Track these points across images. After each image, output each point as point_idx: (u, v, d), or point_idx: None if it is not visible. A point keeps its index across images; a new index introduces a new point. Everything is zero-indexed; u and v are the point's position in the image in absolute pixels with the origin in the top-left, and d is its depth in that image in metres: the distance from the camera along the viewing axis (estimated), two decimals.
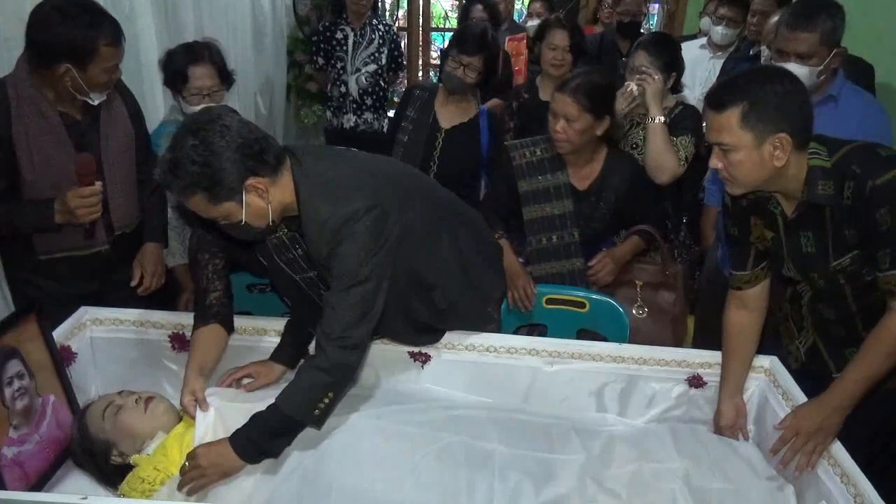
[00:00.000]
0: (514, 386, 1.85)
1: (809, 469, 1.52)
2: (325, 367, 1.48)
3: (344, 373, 1.52)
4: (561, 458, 1.60)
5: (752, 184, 1.55)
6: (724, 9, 3.54)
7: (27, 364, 1.55)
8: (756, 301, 1.78)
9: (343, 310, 1.48)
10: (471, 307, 1.86)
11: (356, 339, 1.50)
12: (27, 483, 1.50)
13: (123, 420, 1.60)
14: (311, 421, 1.50)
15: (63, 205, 1.82)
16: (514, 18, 5.03)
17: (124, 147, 2.02)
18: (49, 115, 1.84)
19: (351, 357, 1.51)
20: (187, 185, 1.40)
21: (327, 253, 1.49)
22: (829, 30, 2.03)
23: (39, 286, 1.96)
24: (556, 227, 2.23)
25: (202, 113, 1.49)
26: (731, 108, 1.45)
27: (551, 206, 2.24)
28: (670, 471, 1.59)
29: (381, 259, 1.51)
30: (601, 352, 1.83)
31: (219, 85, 2.22)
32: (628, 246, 2.25)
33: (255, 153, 1.44)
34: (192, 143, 1.39)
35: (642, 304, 2.22)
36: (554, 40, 2.89)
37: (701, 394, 1.83)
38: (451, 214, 1.81)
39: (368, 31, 3.89)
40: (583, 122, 2.12)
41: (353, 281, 1.48)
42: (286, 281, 1.70)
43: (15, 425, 1.49)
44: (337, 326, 1.48)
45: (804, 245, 1.60)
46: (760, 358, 1.81)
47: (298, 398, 1.49)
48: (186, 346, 1.87)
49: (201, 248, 1.78)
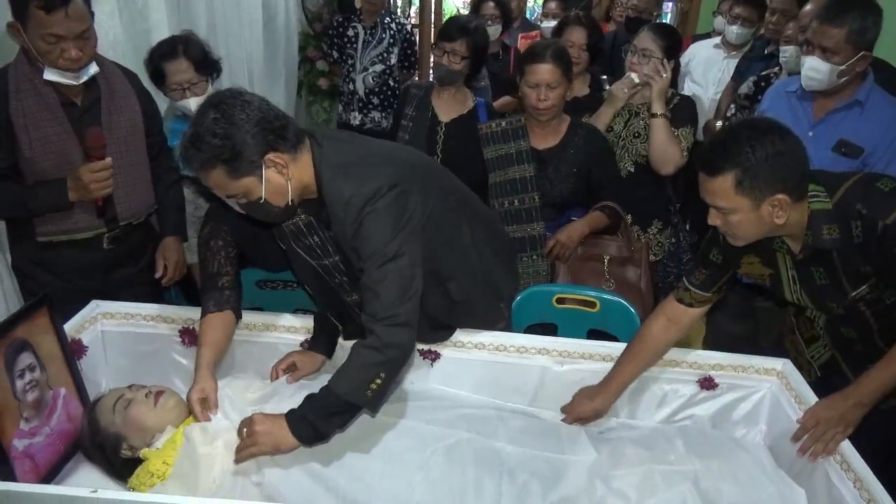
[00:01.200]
0: (524, 385, 1.84)
1: (825, 456, 1.52)
2: (375, 345, 1.45)
3: (396, 352, 1.47)
4: (570, 458, 1.60)
5: (754, 238, 1.52)
6: (739, 8, 3.52)
7: (39, 357, 1.56)
8: (690, 322, 1.76)
9: (382, 290, 1.46)
10: (483, 303, 1.85)
11: (403, 316, 1.46)
12: (37, 475, 1.51)
13: (133, 414, 1.60)
14: (364, 402, 1.46)
15: (75, 181, 1.83)
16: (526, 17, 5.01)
17: (129, 134, 2.00)
18: (44, 91, 1.84)
19: (401, 334, 1.47)
20: (208, 157, 1.42)
21: (353, 234, 1.49)
22: (858, 29, 1.98)
23: (43, 282, 1.96)
24: (517, 191, 2.34)
25: (224, 89, 1.51)
26: (724, 174, 1.40)
27: (513, 169, 2.35)
28: (680, 473, 1.58)
29: (409, 235, 1.50)
30: (612, 352, 1.82)
31: (198, 77, 2.22)
32: (587, 219, 2.31)
33: (276, 129, 1.46)
34: (213, 117, 1.41)
35: (609, 278, 2.28)
36: (571, 37, 2.92)
37: (712, 395, 1.82)
38: (467, 207, 1.81)
39: (379, 30, 3.88)
40: (562, 87, 2.29)
41: (384, 259, 1.46)
42: (304, 267, 1.70)
43: (26, 417, 1.49)
44: (380, 307, 1.46)
45: (818, 279, 1.57)
46: (772, 360, 1.80)
47: (349, 378, 1.46)
48: (196, 341, 1.88)
49: (214, 236, 1.78)
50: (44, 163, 1.86)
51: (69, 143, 1.88)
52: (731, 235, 1.52)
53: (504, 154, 2.37)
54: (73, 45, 1.76)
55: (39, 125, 1.84)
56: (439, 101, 2.77)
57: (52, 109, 1.85)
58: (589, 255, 2.31)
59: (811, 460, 1.55)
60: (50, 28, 1.72)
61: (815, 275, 1.56)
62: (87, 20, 1.78)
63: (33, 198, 1.87)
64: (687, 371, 1.82)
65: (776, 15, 3.25)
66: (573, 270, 2.30)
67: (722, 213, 1.47)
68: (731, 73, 3.57)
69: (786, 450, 1.65)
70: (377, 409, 1.51)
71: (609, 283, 2.27)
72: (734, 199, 1.42)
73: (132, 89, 2.04)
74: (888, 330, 1.57)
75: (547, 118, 2.33)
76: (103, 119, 1.94)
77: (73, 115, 1.89)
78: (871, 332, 1.61)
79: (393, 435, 1.57)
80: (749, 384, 1.81)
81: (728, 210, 1.44)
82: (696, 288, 1.72)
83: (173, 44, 2.22)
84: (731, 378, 1.81)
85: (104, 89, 1.95)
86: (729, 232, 1.51)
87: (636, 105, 2.55)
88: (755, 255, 1.62)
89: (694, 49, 3.92)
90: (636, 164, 2.55)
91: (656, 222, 2.61)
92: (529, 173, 2.33)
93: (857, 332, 1.63)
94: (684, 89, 3.80)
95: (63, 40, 1.75)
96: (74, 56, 1.77)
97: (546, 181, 2.36)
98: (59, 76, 1.81)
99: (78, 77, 1.83)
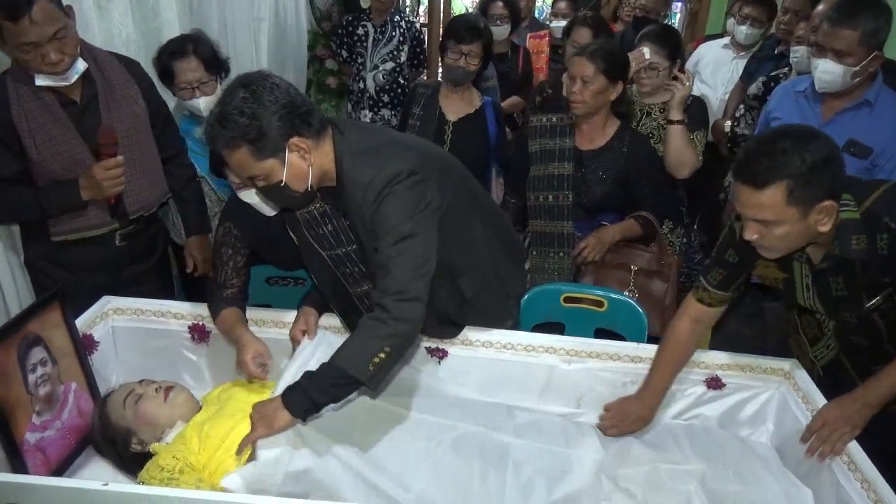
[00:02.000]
0: (531, 383, 1.85)
1: (833, 456, 1.52)
2: (382, 317, 1.44)
3: (403, 326, 1.46)
4: (577, 453, 1.60)
5: (792, 249, 1.50)
6: (749, 8, 3.51)
7: (50, 351, 1.57)
8: (712, 320, 1.78)
9: (395, 266, 1.46)
10: (493, 300, 1.85)
11: (413, 292, 1.46)
12: (49, 468, 1.52)
13: (143, 409, 1.61)
14: (365, 377, 1.43)
15: (88, 179, 1.84)
16: (534, 16, 5.01)
17: (132, 128, 1.99)
18: (42, 94, 1.83)
19: (410, 309, 1.46)
20: (234, 136, 1.43)
21: (371, 214, 1.50)
22: (872, 30, 1.98)
23: (55, 278, 1.97)
24: (553, 187, 2.35)
25: (254, 71, 1.52)
26: (774, 186, 1.35)
27: (554, 166, 2.35)
28: (686, 472, 1.58)
29: (425, 218, 1.51)
30: (619, 351, 1.83)
31: (207, 76, 2.22)
32: (620, 226, 2.30)
33: (302, 113, 1.48)
34: (242, 96, 1.42)
35: (633, 288, 2.28)
36: (578, 38, 2.92)
37: (719, 395, 1.82)
38: (480, 204, 1.82)
39: (389, 29, 3.89)
40: (598, 84, 2.25)
41: (399, 236, 1.47)
42: (314, 257, 1.71)
43: (38, 411, 1.51)
44: (392, 282, 1.46)
45: (834, 289, 1.56)
46: (780, 361, 1.80)
47: (353, 350, 1.45)
48: (206, 337, 1.89)
49: (226, 243, 1.81)
50: (52, 165, 1.87)
51: (74, 143, 1.87)
52: (768, 248, 1.48)
53: (548, 149, 2.38)
54: (51, 48, 1.73)
55: (43, 128, 1.84)
56: (447, 101, 2.78)
57: (52, 111, 1.85)
58: (617, 263, 2.30)
59: (819, 461, 1.55)
60: (22, 37, 1.69)
61: (833, 284, 1.55)
62: (57, 20, 1.73)
63: (47, 199, 1.88)
64: (694, 371, 1.82)
65: (788, 14, 3.24)
66: (599, 276, 2.29)
67: (764, 226, 1.42)
68: (740, 73, 3.56)
69: (793, 450, 1.65)
70: (376, 387, 1.49)
71: (632, 293, 2.25)
72: (784, 212, 1.37)
73: (132, 79, 2.01)
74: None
75: (581, 112, 2.30)
76: (103, 115, 1.92)
77: (74, 114, 1.89)
78: (881, 340, 1.60)
79: (400, 426, 1.57)
80: (756, 384, 1.81)
81: (774, 222, 1.40)
82: (715, 288, 1.72)
83: (183, 43, 2.22)
84: (738, 378, 1.81)
85: (101, 83, 1.92)
86: (767, 245, 1.47)
87: (648, 105, 2.56)
88: (772, 260, 1.60)
89: (703, 49, 3.90)
90: None
91: (667, 222, 2.61)
92: (568, 171, 2.33)
93: (868, 341, 1.62)
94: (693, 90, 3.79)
95: (39, 46, 1.72)
96: (55, 59, 1.74)
97: (582, 182, 2.35)
98: (50, 80, 1.80)
99: (67, 78, 1.81)
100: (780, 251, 1.49)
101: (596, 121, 2.34)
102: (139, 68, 2.08)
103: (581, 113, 2.31)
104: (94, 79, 1.92)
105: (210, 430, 1.55)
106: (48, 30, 1.71)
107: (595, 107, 2.29)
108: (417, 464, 1.50)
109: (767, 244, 1.46)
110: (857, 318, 1.58)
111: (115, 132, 1.88)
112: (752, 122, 2.94)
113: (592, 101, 2.27)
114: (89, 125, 1.89)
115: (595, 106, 2.29)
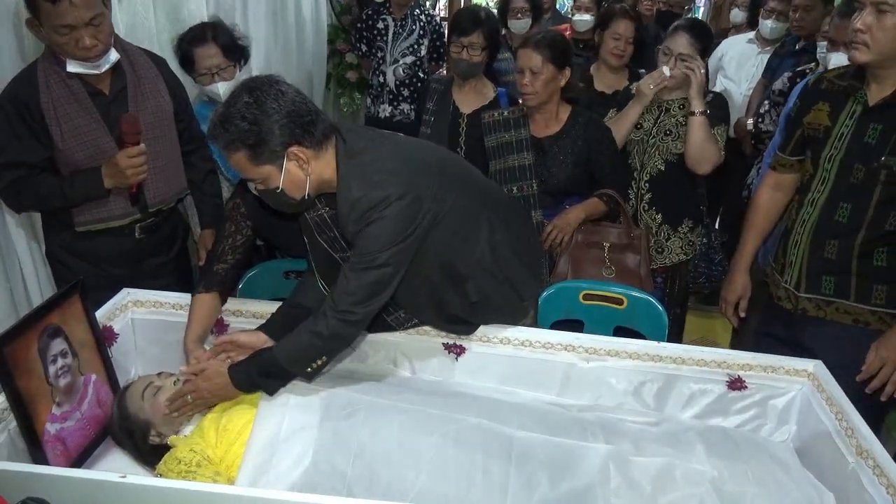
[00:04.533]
0: (549, 381, 1.83)
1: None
2: (324, 334, 1.55)
3: (339, 343, 1.61)
4: (584, 445, 1.56)
5: (888, 53, 1.59)
6: (774, 2, 3.47)
7: (71, 342, 1.58)
8: (790, 187, 1.98)
9: (355, 286, 1.53)
10: (504, 302, 1.83)
11: (359, 315, 1.56)
12: (68, 459, 1.53)
13: (162, 401, 1.62)
14: (304, 375, 1.60)
15: (111, 167, 1.86)
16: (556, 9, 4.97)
17: (157, 122, 2.01)
18: (71, 83, 1.86)
19: (349, 330, 1.59)
20: (233, 139, 1.45)
21: (355, 232, 1.53)
22: None
23: (75, 270, 1.99)
24: (516, 178, 2.38)
25: (263, 75, 1.52)
26: None
27: (513, 158, 2.39)
28: (700, 473, 1.54)
29: (405, 248, 1.54)
30: (638, 350, 1.80)
31: (226, 62, 2.25)
32: (583, 205, 2.33)
33: (305, 123, 1.48)
34: (246, 101, 1.43)
35: (610, 265, 2.31)
36: (619, 29, 2.88)
37: (741, 396, 1.79)
38: (488, 207, 1.78)
39: (409, 22, 3.88)
40: (547, 73, 2.30)
41: (372, 263, 1.52)
42: (324, 259, 1.71)
43: (58, 402, 1.52)
44: (344, 300, 1.54)
45: (868, 135, 1.69)
46: (804, 361, 1.77)
47: (294, 354, 1.57)
48: (224, 330, 1.90)
49: (231, 218, 1.82)
50: (77, 154, 1.88)
51: (100, 133, 1.90)
52: (867, 46, 1.60)
53: (504, 142, 2.41)
54: (86, 33, 1.76)
55: (70, 116, 1.86)
56: (460, 94, 2.77)
57: (80, 100, 1.87)
58: (589, 242, 2.35)
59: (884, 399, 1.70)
60: (59, 19, 1.72)
61: (870, 131, 1.70)
62: (95, 6, 1.76)
63: (70, 187, 1.90)
64: (716, 371, 1.79)
65: (799, 11, 3.21)
66: (574, 257, 2.32)
67: (880, 13, 1.53)
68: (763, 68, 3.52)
69: (816, 452, 1.63)
70: (312, 380, 1.63)
71: (610, 269, 2.31)
72: None
73: (160, 75, 2.04)
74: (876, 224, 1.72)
75: (534, 103, 2.34)
76: (130, 106, 1.94)
77: (101, 104, 1.91)
78: (860, 223, 1.74)
79: (402, 418, 1.56)
80: (779, 385, 1.78)
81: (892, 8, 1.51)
82: (779, 150, 1.99)
83: (202, 29, 2.25)
84: (760, 378, 1.78)
85: (130, 76, 1.95)
86: (870, 39, 1.58)
87: (666, 101, 2.52)
88: (828, 103, 1.78)
89: (727, 44, 3.86)
90: (667, 162, 2.51)
91: (687, 221, 2.58)
92: (528, 161, 2.37)
93: (849, 215, 1.76)
94: (716, 85, 3.74)
95: (74, 29, 1.75)
96: (88, 44, 1.77)
97: (545, 169, 2.39)
98: (81, 67, 1.82)
99: (99, 66, 1.84)
100: (879, 52, 1.59)
101: (549, 109, 2.39)
102: (167, 66, 2.12)
103: (534, 104, 2.35)
104: (125, 71, 1.95)
105: (227, 424, 1.55)
106: (86, 14, 1.74)
107: (547, 95, 2.34)
108: (420, 457, 1.49)
109: (871, 39, 1.58)
110: (862, 174, 1.71)
111: (138, 120, 1.89)
112: (776, 119, 2.90)
113: (544, 90, 2.32)
114: (116, 116, 1.91)
115: (547, 94, 2.34)
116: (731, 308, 2.10)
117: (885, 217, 1.73)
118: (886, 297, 1.79)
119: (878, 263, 1.77)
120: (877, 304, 1.79)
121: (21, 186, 1.89)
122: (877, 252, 1.77)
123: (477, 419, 1.58)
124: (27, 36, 2.08)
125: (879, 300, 1.79)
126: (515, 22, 3.68)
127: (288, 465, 1.47)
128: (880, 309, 1.80)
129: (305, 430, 1.52)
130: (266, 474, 1.46)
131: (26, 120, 1.84)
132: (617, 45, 2.89)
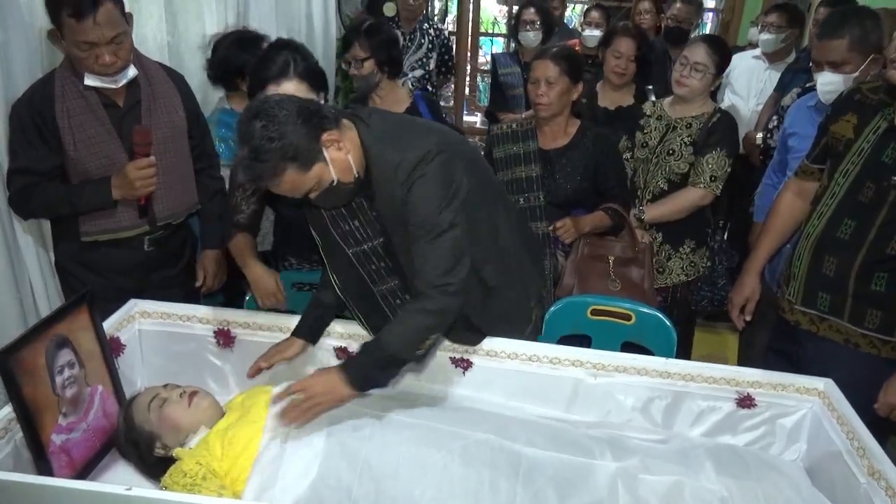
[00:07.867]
0: (556, 396, 1.82)
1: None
2: (431, 310, 1.55)
3: (447, 317, 1.59)
4: (592, 462, 1.56)
5: None
6: (772, 16, 3.53)
7: (78, 353, 1.58)
8: (811, 195, 1.94)
9: (437, 258, 1.54)
10: (514, 294, 1.83)
11: (457, 284, 1.55)
12: (73, 470, 1.53)
13: (168, 413, 1.62)
14: (415, 359, 1.61)
15: (120, 178, 1.87)
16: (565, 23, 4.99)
17: (169, 137, 2.02)
18: (87, 94, 1.88)
19: (454, 301, 1.57)
20: (276, 163, 1.44)
21: (402, 199, 1.53)
22: (859, 36, 2.06)
23: (83, 280, 1.99)
24: (523, 190, 2.38)
25: (254, 99, 1.53)
26: None
27: (520, 169, 2.39)
28: (710, 492, 1.53)
29: (456, 206, 1.56)
30: (647, 366, 1.79)
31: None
32: (591, 217, 2.34)
33: (314, 111, 1.50)
34: (260, 126, 1.43)
35: (615, 278, 2.31)
36: (620, 48, 2.89)
37: (749, 414, 1.77)
38: (502, 194, 1.82)
39: (418, 36, 3.90)
40: (562, 85, 2.32)
41: (439, 230, 1.53)
42: (339, 257, 1.72)
43: (64, 413, 1.52)
44: (435, 274, 1.53)
45: (887, 154, 1.70)
46: (814, 380, 1.75)
47: (404, 338, 1.56)
48: (231, 342, 1.90)
49: None
50: (88, 163, 1.90)
51: (112, 144, 1.91)
52: None
53: (512, 153, 2.41)
54: (107, 51, 1.78)
55: (83, 127, 1.88)
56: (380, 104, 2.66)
57: (95, 111, 1.89)
58: (594, 255, 2.36)
59: None
60: (82, 35, 1.74)
61: (888, 150, 1.70)
62: (119, 25, 1.78)
63: (78, 196, 1.91)
64: (725, 388, 1.77)
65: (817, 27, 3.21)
66: (579, 270, 2.32)
67: None
68: (772, 84, 3.52)
69: (827, 472, 1.61)
70: (422, 363, 1.70)
71: (615, 282, 2.30)
72: None
73: (176, 91, 2.06)
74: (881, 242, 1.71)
75: (547, 114, 2.34)
76: (143, 120, 1.96)
77: (115, 116, 1.93)
78: (864, 241, 1.73)
79: (409, 433, 1.56)
80: (789, 403, 1.76)
81: None
82: (807, 158, 1.97)
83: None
84: (770, 396, 1.76)
85: (145, 91, 1.97)
86: None
87: (675, 120, 2.51)
88: (856, 115, 1.78)
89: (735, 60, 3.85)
90: (669, 181, 2.51)
91: (689, 241, 2.57)
92: (535, 173, 2.37)
93: (854, 231, 1.75)
94: (724, 101, 3.74)
95: (96, 46, 1.77)
96: (108, 62, 1.80)
97: (552, 181, 2.39)
98: (99, 81, 1.84)
99: (116, 81, 1.86)
100: None
101: (559, 121, 2.39)
102: (184, 82, 2.13)
103: (547, 114, 2.35)
104: (140, 86, 1.96)
105: (233, 437, 1.55)
106: (108, 33, 1.76)
107: (560, 107, 2.35)
108: (427, 472, 1.48)
109: None
110: (874, 190, 1.71)
111: (150, 131, 1.91)
112: None
113: (558, 101, 2.32)
114: (129, 129, 1.92)
115: (560, 106, 2.34)
116: (737, 310, 2.08)
117: (888, 240, 1.71)
118: (881, 322, 1.77)
119: (876, 288, 1.75)
120: (869, 328, 1.78)
121: (31, 193, 1.91)
122: (876, 276, 1.75)
123: (485, 435, 1.57)
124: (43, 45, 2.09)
125: (872, 325, 1.78)
126: (525, 34, 3.69)
127: (294, 478, 1.47)
128: (871, 333, 1.78)
129: (312, 444, 1.52)
130: (272, 488, 1.45)
131: (39, 127, 1.86)
132: (618, 63, 2.90)
